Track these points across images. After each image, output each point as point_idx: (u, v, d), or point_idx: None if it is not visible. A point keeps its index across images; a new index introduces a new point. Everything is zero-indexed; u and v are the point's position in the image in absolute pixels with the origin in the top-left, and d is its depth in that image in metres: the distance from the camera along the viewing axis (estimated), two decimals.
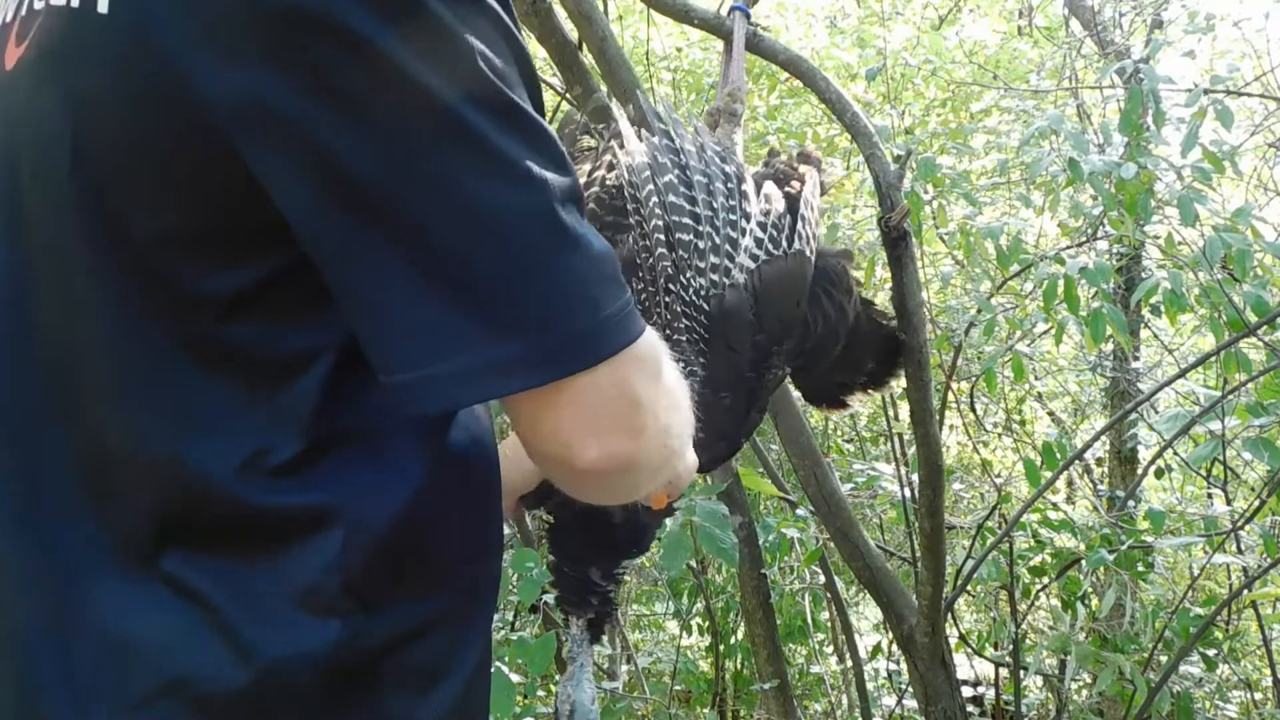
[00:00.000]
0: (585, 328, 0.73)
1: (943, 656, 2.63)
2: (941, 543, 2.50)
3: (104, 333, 0.79)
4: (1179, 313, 2.99)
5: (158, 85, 0.72)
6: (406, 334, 0.72)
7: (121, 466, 0.80)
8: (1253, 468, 3.94)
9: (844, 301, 1.49)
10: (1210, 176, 3.02)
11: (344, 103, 0.70)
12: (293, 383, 0.78)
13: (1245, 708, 3.81)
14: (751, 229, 1.37)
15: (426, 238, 0.71)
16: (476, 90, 0.72)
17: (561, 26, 2.67)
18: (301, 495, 0.78)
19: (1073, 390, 4.93)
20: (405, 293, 0.71)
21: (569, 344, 0.73)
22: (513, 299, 0.72)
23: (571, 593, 1.37)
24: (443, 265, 0.71)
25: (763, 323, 1.33)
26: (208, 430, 0.78)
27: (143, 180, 0.75)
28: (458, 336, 0.72)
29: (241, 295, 0.76)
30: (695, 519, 2.05)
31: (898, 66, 4.44)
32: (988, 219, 3.79)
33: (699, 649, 4.67)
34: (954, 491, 4.49)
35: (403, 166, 0.70)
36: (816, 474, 2.85)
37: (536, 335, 0.72)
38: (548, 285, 0.72)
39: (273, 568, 0.78)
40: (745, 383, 1.33)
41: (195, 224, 0.75)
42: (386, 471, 0.81)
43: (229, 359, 0.77)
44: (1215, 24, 4.05)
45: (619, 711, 2.77)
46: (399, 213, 0.71)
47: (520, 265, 0.72)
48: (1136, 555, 3.06)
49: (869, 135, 2.13)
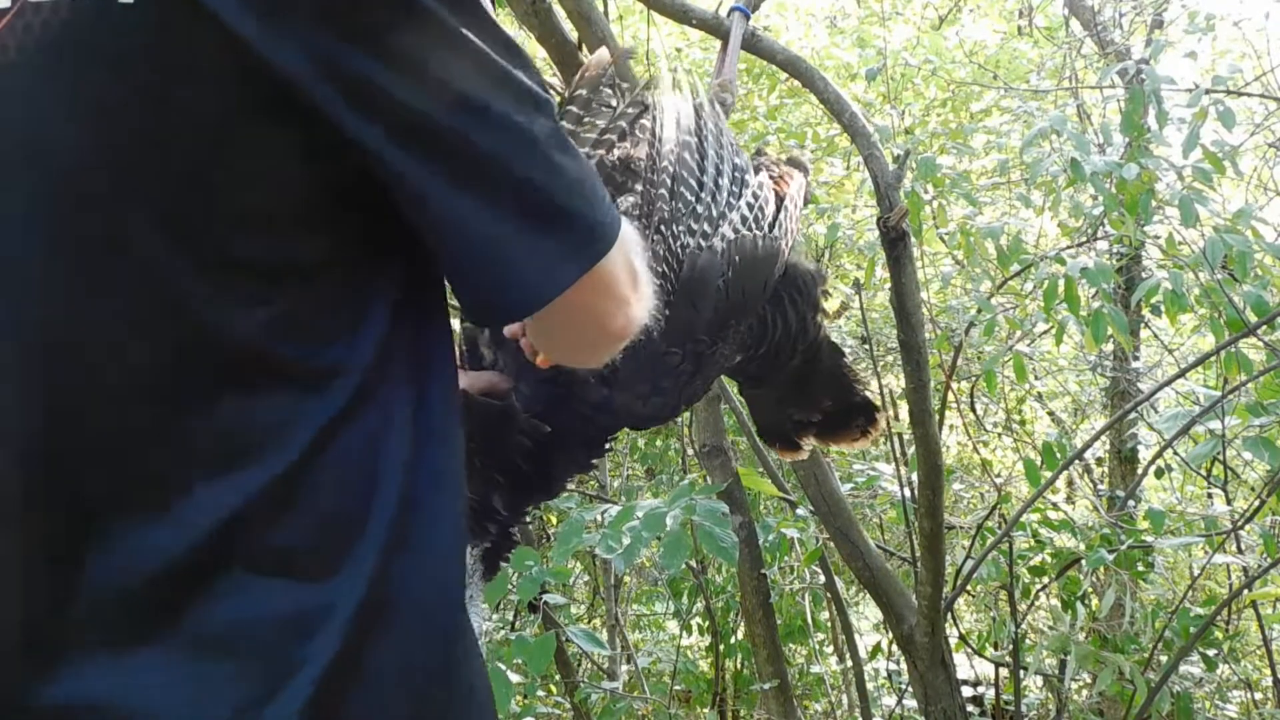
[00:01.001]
0: (603, 217, 0.87)
1: (943, 656, 2.63)
2: (941, 543, 2.50)
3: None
4: (1179, 313, 2.99)
5: (213, 60, 0.75)
6: (490, 255, 0.84)
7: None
8: (1253, 468, 3.94)
9: (807, 314, 1.52)
10: (1211, 177, 3.02)
11: (402, 58, 0.77)
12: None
13: (1245, 708, 3.81)
14: (739, 206, 1.43)
15: (493, 169, 0.82)
16: (493, 33, 0.82)
17: (561, 27, 2.67)
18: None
19: (1073, 390, 4.92)
20: (481, 219, 0.82)
21: (599, 230, 0.86)
22: (559, 205, 0.84)
23: (470, 520, 1.29)
24: (510, 190, 0.82)
25: (728, 292, 1.37)
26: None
27: (175, 169, 0.77)
28: (529, 245, 0.84)
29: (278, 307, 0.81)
30: (695, 518, 2.05)
31: (898, 66, 4.44)
32: (988, 219, 3.79)
33: (699, 649, 4.67)
34: (954, 491, 4.49)
35: (465, 111, 0.80)
36: (816, 474, 2.85)
37: (578, 229, 0.85)
38: (578, 189, 0.85)
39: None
40: (696, 345, 1.35)
41: (238, 205, 0.79)
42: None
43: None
44: (1215, 24, 4.06)
45: (619, 711, 2.77)
46: (468, 151, 0.81)
47: (560, 178, 0.84)
48: (1136, 555, 3.06)
49: (867, 135, 2.13)
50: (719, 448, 2.89)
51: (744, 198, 1.44)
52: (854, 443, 1.74)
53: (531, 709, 2.78)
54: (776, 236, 1.43)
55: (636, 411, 1.35)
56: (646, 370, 1.32)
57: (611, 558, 2.15)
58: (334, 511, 0.83)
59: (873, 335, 3.94)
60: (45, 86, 0.77)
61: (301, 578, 0.81)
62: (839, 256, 4.33)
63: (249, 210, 0.79)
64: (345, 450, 0.83)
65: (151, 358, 0.79)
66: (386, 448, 0.85)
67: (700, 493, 2.17)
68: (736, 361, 1.45)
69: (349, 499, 0.83)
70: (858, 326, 3.72)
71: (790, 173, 1.57)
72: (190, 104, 0.76)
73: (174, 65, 0.75)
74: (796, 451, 1.77)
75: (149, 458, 0.80)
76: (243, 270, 0.79)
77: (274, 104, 0.76)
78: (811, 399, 1.68)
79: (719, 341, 1.38)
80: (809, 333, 1.53)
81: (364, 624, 0.81)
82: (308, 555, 0.81)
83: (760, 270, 1.41)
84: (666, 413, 1.39)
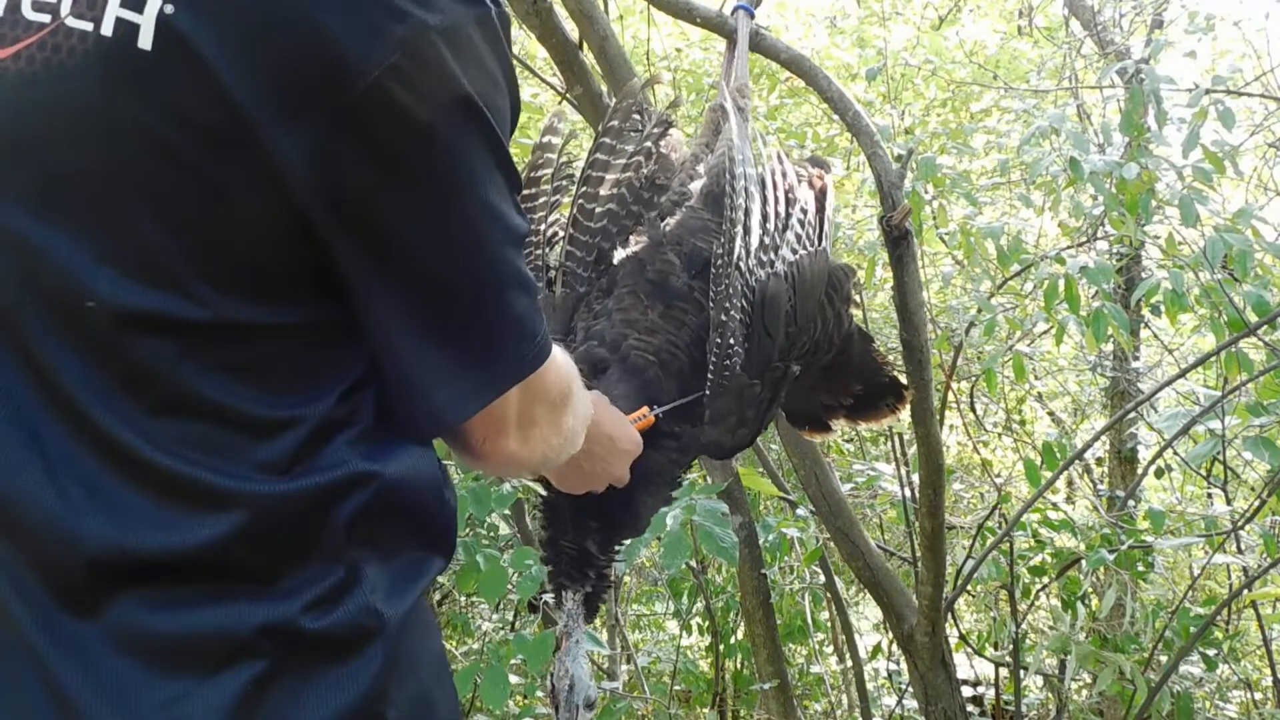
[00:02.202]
0: (530, 350, 0.92)
1: (943, 656, 2.62)
2: (941, 543, 2.50)
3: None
4: (1179, 313, 2.99)
5: (220, 130, 0.79)
6: (418, 372, 0.88)
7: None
8: (1253, 468, 3.94)
9: (842, 310, 1.55)
10: (1211, 177, 3.02)
11: (400, 171, 0.81)
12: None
13: (1245, 708, 3.81)
14: (793, 225, 1.46)
15: (441, 290, 0.86)
16: (496, 156, 0.86)
17: (562, 26, 2.67)
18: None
19: (1073, 390, 4.93)
20: (414, 340, 0.87)
21: (520, 362, 0.92)
22: (494, 336, 0.90)
23: (569, 566, 1.37)
24: (447, 314, 0.88)
25: (795, 315, 1.41)
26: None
27: (158, 208, 0.80)
28: (452, 372, 0.89)
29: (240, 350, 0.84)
30: (695, 518, 2.05)
31: (898, 66, 4.44)
32: (988, 219, 3.79)
33: (699, 649, 4.67)
34: (954, 491, 4.49)
35: (441, 235, 0.84)
36: (816, 474, 2.85)
37: (500, 366, 0.91)
38: (515, 323, 0.90)
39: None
40: (772, 371, 1.39)
41: (210, 255, 0.81)
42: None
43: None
44: (1215, 24, 4.06)
45: (619, 711, 2.77)
46: (427, 270, 0.85)
47: (503, 310, 0.89)
48: (1136, 555, 3.05)
49: (870, 134, 2.12)
50: None
51: (794, 215, 1.47)
52: (883, 420, 1.78)
53: (531, 709, 2.78)
54: (824, 248, 1.48)
55: (724, 444, 1.39)
56: (734, 405, 1.36)
57: None
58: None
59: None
60: (57, 97, 0.82)
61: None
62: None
63: (214, 256, 0.81)
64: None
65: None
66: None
67: (700, 493, 2.17)
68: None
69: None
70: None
71: (819, 174, 1.60)
72: (199, 154, 0.79)
73: (189, 117, 0.79)
74: (827, 432, 1.80)
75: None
76: (201, 328, 0.82)
77: (272, 181, 0.80)
78: (843, 385, 1.70)
79: (789, 363, 1.42)
80: (844, 326, 1.57)
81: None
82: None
83: (816, 286, 1.46)
84: (750, 440, 1.43)
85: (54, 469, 0.81)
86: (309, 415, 0.85)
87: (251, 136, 0.78)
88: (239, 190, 0.79)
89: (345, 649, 0.85)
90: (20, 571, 0.82)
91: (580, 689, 1.31)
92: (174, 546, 0.81)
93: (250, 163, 0.79)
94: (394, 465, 0.89)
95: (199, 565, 0.82)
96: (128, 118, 0.79)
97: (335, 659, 0.84)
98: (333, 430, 0.86)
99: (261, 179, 0.79)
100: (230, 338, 0.82)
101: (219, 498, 0.82)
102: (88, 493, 0.81)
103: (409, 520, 0.91)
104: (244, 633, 0.81)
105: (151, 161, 0.80)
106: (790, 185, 1.53)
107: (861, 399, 1.72)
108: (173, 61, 0.79)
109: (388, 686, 0.86)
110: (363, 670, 0.85)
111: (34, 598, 0.82)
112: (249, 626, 0.81)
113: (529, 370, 0.92)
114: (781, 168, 1.55)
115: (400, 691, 0.88)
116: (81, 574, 0.81)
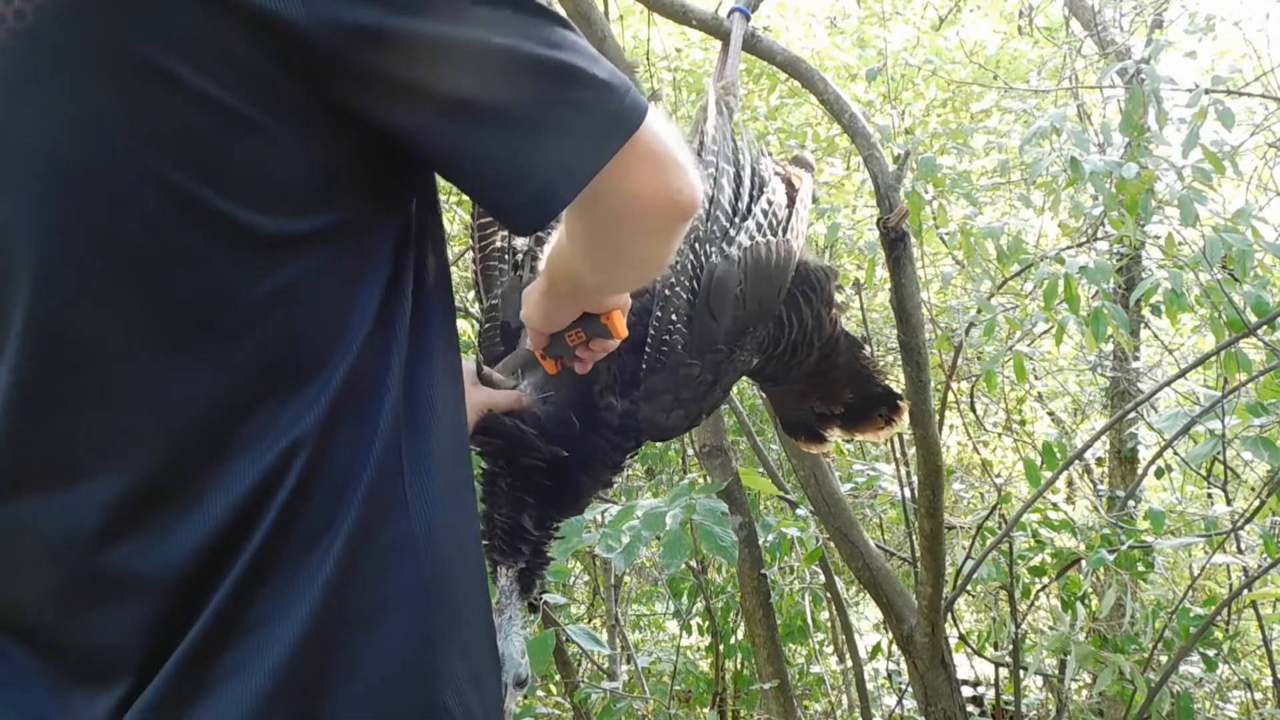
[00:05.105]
0: (626, 100, 0.86)
1: (943, 657, 2.63)
2: (941, 543, 2.50)
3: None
4: (1179, 313, 2.99)
5: (237, 31, 0.76)
6: (504, 167, 0.84)
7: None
8: (1253, 468, 3.94)
9: (822, 311, 1.54)
10: (1211, 177, 3.02)
11: (420, 9, 0.79)
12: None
13: (1245, 708, 3.81)
14: (755, 213, 1.45)
15: (501, 92, 0.82)
16: None
17: None
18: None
19: (1073, 390, 4.93)
20: (493, 139, 0.83)
21: (624, 112, 0.86)
22: (570, 99, 0.85)
23: (502, 541, 1.34)
24: (510, 106, 0.83)
25: (745, 300, 1.38)
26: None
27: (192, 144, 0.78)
28: (544, 146, 0.84)
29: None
30: (695, 517, 2.05)
31: (898, 67, 4.44)
32: (988, 219, 3.79)
33: (699, 649, 4.67)
34: (954, 491, 4.49)
35: (480, 53, 0.81)
36: (816, 474, 2.86)
37: (600, 113, 0.85)
38: (590, 81, 0.85)
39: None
40: (715, 354, 1.37)
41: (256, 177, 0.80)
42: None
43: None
44: (1215, 24, 4.06)
45: (619, 711, 2.77)
46: (484, 86, 0.82)
47: (571, 76, 0.84)
48: (1136, 555, 3.05)
49: (867, 136, 2.13)
50: (719, 448, 2.89)
51: (759, 203, 1.46)
52: (878, 432, 1.75)
53: (531, 709, 2.78)
54: (789, 239, 1.45)
55: (659, 424, 1.37)
56: (669, 384, 1.34)
57: (611, 557, 2.15)
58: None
59: (873, 335, 3.94)
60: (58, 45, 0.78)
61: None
62: (839, 257, 4.32)
63: (249, 182, 0.80)
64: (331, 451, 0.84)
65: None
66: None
67: (700, 492, 2.17)
68: (755, 364, 1.47)
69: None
70: (858, 327, 3.72)
71: (799, 173, 1.59)
72: (187, 79, 0.77)
73: (177, 41, 0.76)
74: (821, 444, 1.78)
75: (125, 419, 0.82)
76: (245, 237, 0.81)
77: (308, 62, 0.78)
78: (833, 392, 1.69)
79: (737, 349, 1.40)
80: (825, 329, 1.55)
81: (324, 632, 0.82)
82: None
83: (776, 275, 1.43)
84: (688, 423, 1.41)
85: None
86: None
87: (265, 20, 0.76)
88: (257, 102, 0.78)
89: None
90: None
91: (510, 666, 1.29)
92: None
93: (275, 50, 0.77)
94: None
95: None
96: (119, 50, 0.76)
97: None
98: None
99: (297, 63, 0.78)
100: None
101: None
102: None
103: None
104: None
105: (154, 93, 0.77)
106: (764, 179, 1.52)
107: (854, 408, 1.71)
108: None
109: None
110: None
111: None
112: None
113: (639, 110, 0.86)
114: (760, 163, 1.54)
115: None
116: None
